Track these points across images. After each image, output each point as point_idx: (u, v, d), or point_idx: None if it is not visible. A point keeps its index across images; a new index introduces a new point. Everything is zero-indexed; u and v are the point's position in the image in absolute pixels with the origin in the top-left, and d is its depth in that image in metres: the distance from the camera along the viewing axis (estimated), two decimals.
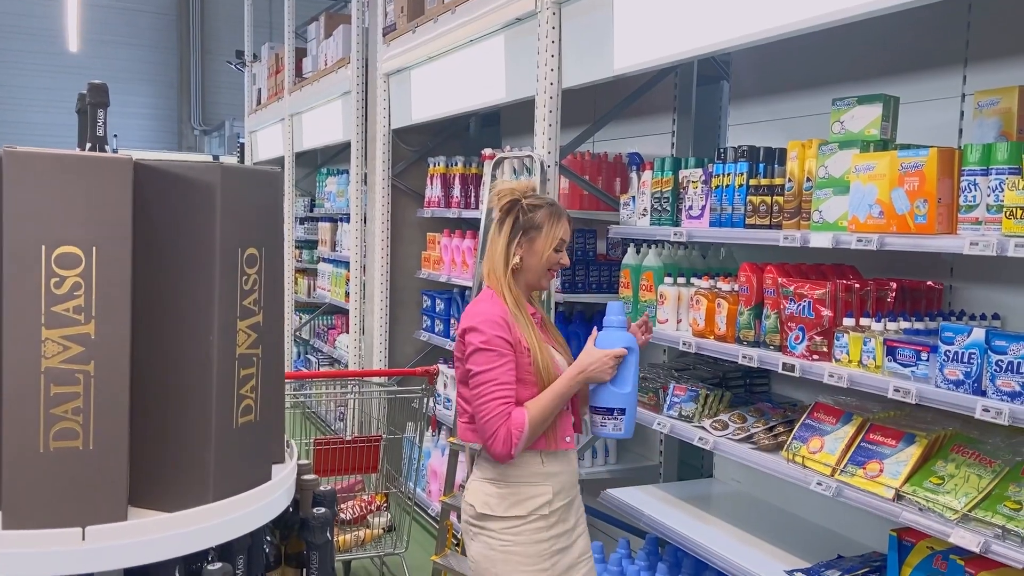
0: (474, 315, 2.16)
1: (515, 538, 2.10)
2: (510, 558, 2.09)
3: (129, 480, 1.03)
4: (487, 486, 2.15)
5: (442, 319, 4.94)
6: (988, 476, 2.05)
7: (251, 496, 1.09)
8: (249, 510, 1.08)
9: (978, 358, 1.96)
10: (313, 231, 7.24)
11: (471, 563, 2.21)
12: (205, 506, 1.04)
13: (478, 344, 2.09)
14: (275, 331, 1.16)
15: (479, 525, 2.15)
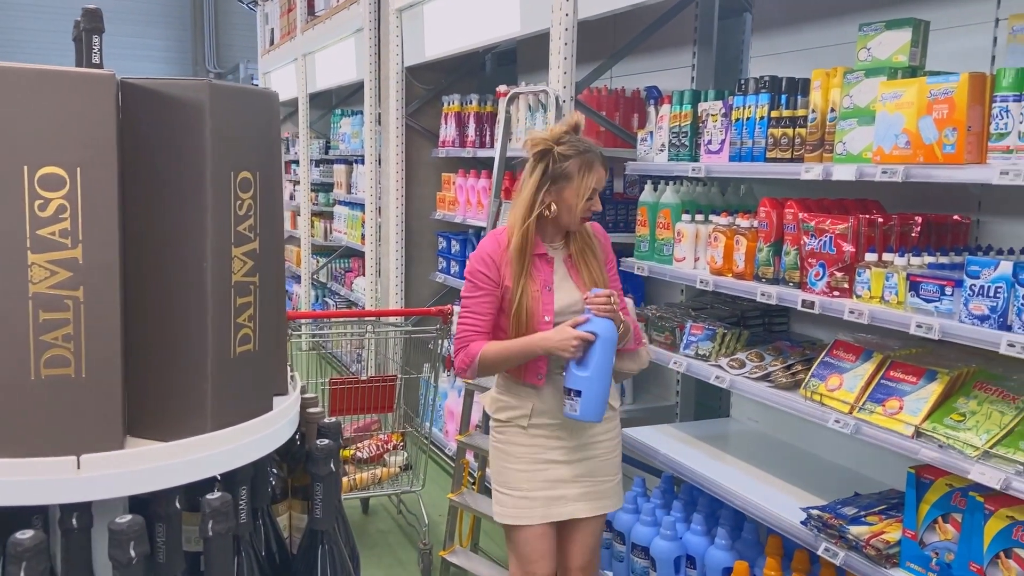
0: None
1: (502, 436, 2.34)
2: (498, 452, 2.35)
3: (126, 410, 1.01)
4: (493, 391, 2.41)
5: (457, 260, 4.90)
6: (1011, 413, 2.00)
7: (251, 426, 1.07)
8: (249, 440, 1.06)
9: (1005, 292, 1.90)
10: (328, 174, 7.19)
11: None
12: (203, 435, 1.02)
13: (465, 273, 2.32)
14: (273, 259, 1.13)
15: (491, 423, 2.41)
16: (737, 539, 2.92)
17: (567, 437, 2.30)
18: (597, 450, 2.35)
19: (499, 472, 2.34)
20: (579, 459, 2.31)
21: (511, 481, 2.30)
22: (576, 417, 2.16)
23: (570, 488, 2.30)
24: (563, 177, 2.22)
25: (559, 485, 2.30)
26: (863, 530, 2.26)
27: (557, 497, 2.29)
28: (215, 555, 0.99)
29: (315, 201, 7.45)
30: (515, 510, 2.30)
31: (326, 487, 1.18)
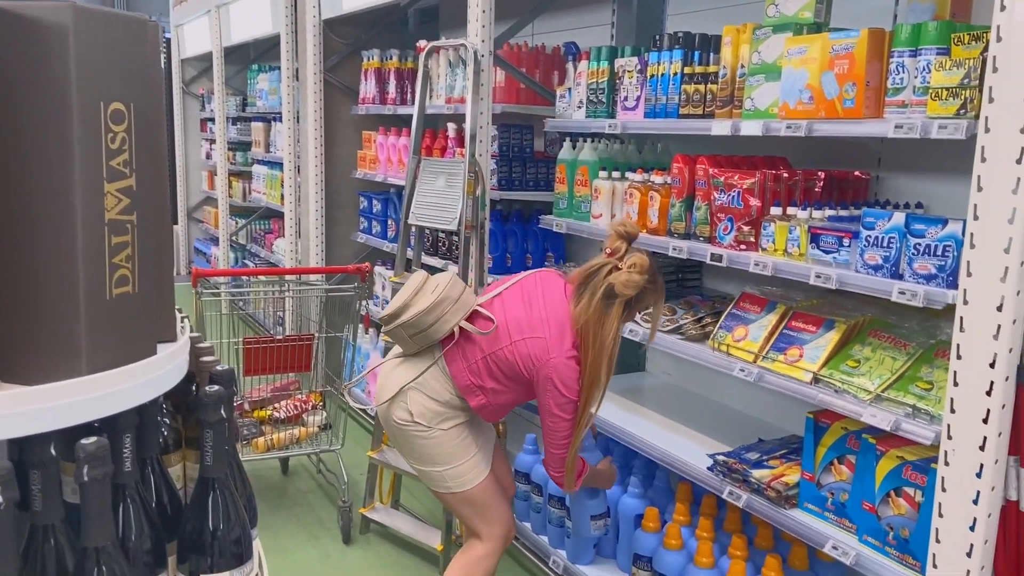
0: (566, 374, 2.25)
1: (444, 432, 2.41)
2: (443, 442, 2.40)
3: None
4: (429, 402, 2.38)
5: (379, 220, 4.84)
6: (902, 358, 2.10)
7: (131, 371, 1.03)
8: (129, 385, 1.02)
9: (897, 242, 1.98)
10: (246, 132, 6.97)
11: (403, 449, 2.51)
12: (79, 379, 0.98)
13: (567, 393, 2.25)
14: (153, 198, 1.08)
15: (412, 424, 2.39)
16: (649, 487, 3.00)
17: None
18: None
19: (448, 455, 2.40)
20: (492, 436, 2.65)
21: (462, 453, 2.40)
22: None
23: (483, 432, 2.55)
24: (638, 303, 2.30)
25: (480, 434, 2.51)
26: (765, 473, 2.34)
27: (484, 442, 2.53)
28: (91, 502, 0.96)
29: (232, 160, 7.22)
30: (476, 468, 2.42)
31: (216, 434, 1.15)
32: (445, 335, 2.35)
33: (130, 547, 1.10)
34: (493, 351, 2.32)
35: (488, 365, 2.33)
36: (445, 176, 3.49)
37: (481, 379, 2.34)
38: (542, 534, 3.16)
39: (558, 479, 2.36)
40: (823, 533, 2.14)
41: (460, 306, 2.35)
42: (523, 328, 2.30)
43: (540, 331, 2.27)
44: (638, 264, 2.21)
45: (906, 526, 1.98)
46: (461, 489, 2.42)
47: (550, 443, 2.32)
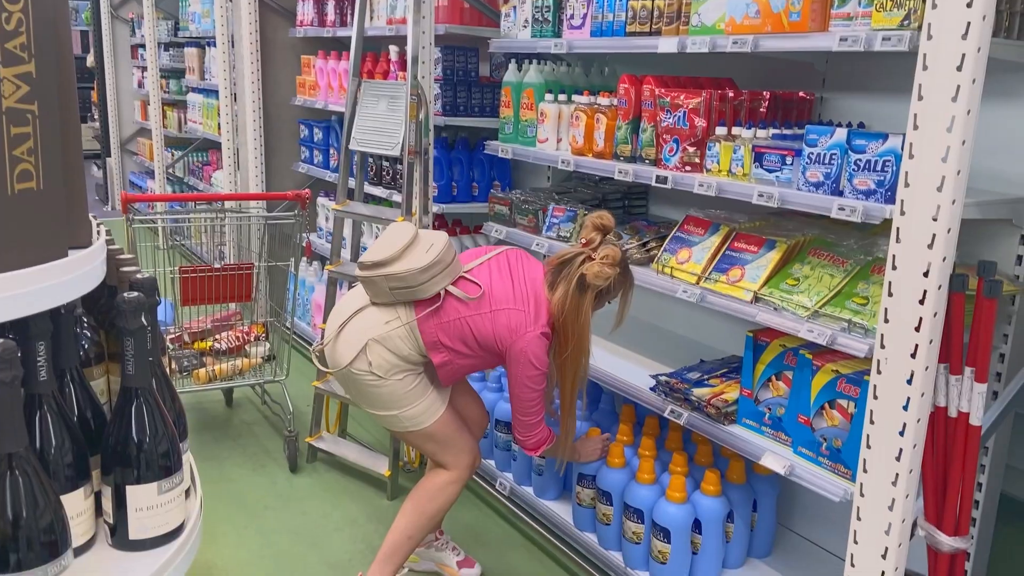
0: (533, 347, 2.28)
1: (399, 379, 2.35)
2: (396, 388, 2.36)
3: None
4: (389, 356, 2.33)
5: (321, 149, 4.71)
6: (840, 276, 2.13)
7: (37, 273, 0.97)
8: (34, 288, 0.96)
9: (839, 159, 1.98)
10: (179, 58, 6.67)
11: (354, 395, 2.47)
12: None
13: (535, 363, 2.29)
14: (58, 88, 1.01)
15: (365, 372, 2.34)
16: (595, 410, 3.04)
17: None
18: None
19: (400, 400, 2.36)
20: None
21: (415, 398, 2.38)
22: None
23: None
24: (608, 293, 2.37)
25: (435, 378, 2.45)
26: (705, 392, 2.38)
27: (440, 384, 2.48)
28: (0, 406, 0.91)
29: (166, 89, 6.92)
30: (433, 405, 2.40)
31: (137, 342, 1.10)
32: (429, 296, 2.30)
33: (49, 459, 1.05)
34: (471, 315, 2.30)
35: (462, 328, 2.30)
36: (387, 99, 3.38)
37: (451, 341, 2.32)
38: (489, 458, 3.18)
39: (523, 444, 2.41)
40: (760, 446, 2.19)
41: (451, 270, 2.33)
42: (507, 299, 2.31)
43: (522, 305, 2.30)
44: (611, 256, 2.27)
45: (839, 436, 2.03)
46: (418, 427, 2.40)
47: (518, 411, 2.35)
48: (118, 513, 1.13)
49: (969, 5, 1.50)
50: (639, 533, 2.49)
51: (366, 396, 2.40)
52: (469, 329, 2.31)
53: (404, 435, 2.48)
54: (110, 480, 1.12)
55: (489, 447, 3.17)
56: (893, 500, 1.72)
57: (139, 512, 1.12)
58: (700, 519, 2.41)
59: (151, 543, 1.14)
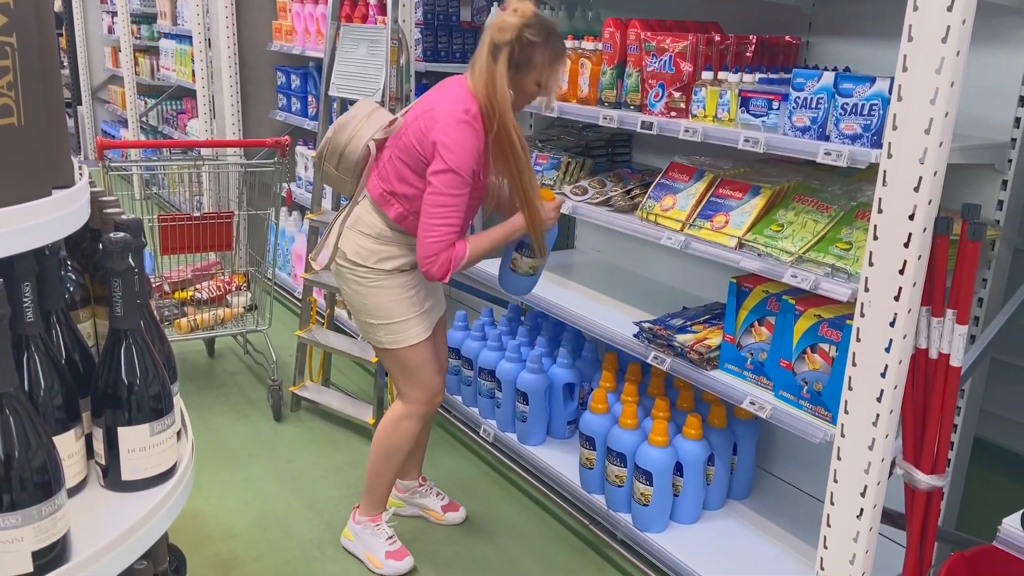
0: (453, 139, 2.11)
1: (386, 280, 2.32)
2: (382, 292, 2.32)
3: None
4: (363, 239, 2.29)
5: (299, 96, 4.62)
6: (824, 221, 2.14)
7: (21, 211, 0.95)
8: (18, 227, 0.94)
9: (825, 103, 1.97)
10: (150, 2, 6.47)
11: (344, 296, 2.44)
12: None
13: (452, 166, 2.11)
14: (37, 19, 0.97)
15: (349, 267, 2.32)
16: (578, 358, 3.06)
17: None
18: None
19: (387, 308, 2.31)
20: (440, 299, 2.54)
21: (403, 311, 2.33)
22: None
23: (432, 296, 2.46)
24: (526, 64, 2.13)
25: (429, 297, 2.43)
26: (688, 338, 2.40)
27: (431, 306, 2.45)
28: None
29: (137, 35, 6.73)
30: (415, 329, 2.36)
31: (125, 283, 1.09)
32: (362, 153, 2.31)
33: (39, 400, 1.05)
34: (396, 144, 2.23)
35: (394, 164, 2.22)
36: (367, 44, 3.32)
37: (391, 183, 2.22)
38: (473, 406, 3.21)
39: (424, 268, 2.15)
40: (741, 391, 2.22)
41: (373, 121, 2.32)
42: (419, 108, 2.22)
43: (433, 103, 2.19)
44: (520, 9, 2.09)
45: (820, 380, 2.07)
46: (394, 347, 2.36)
47: (423, 221, 2.13)
48: (110, 454, 1.13)
49: None
50: (622, 476, 2.53)
51: (352, 298, 2.36)
52: (400, 159, 2.20)
53: (379, 351, 2.44)
54: (101, 422, 1.12)
55: (473, 395, 3.19)
56: (873, 440, 1.75)
57: (131, 453, 1.12)
58: (682, 462, 2.46)
59: (144, 484, 1.14)
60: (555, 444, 3.00)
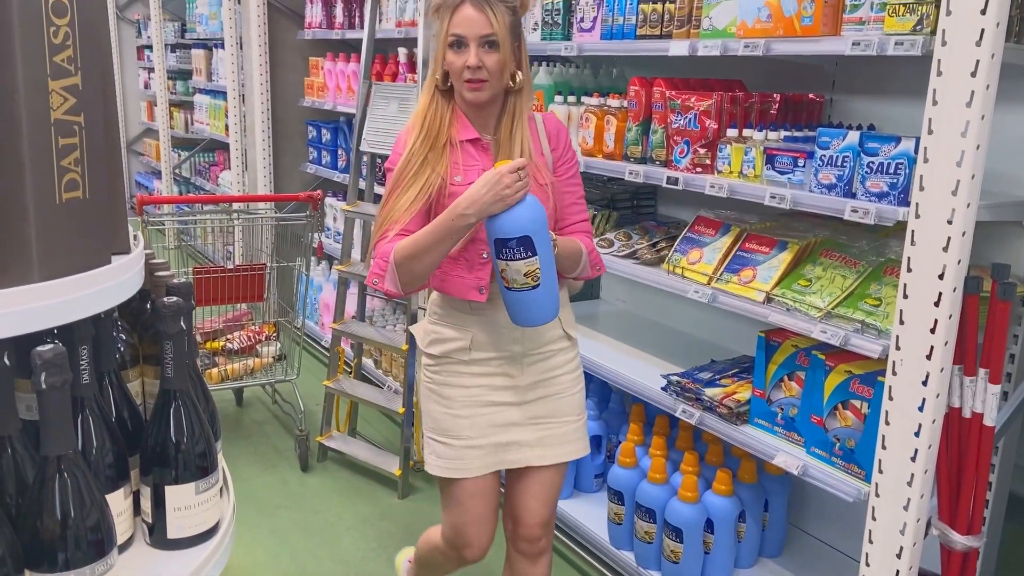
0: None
1: (437, 375, 1.96)
2: (431, 395, 1.97)
3: None
4: (425, 320, 2.04)
5: (329, 150, 4.73)
6: (852, 276, 2.15)
7: (85, 279, 0.99)
8: (83, 294, 0.98)
9: (851, 161, 2.00)
10: (186, 59, 6.69)
11: None
12: (31, 286, 0.94)
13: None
14: (101, 99, 1.03)
15: (423, 360, 2.03)
16: (604, 410, 3.06)
17: (518, 373, 1.94)
18: (555, 386, 1.98)
19: (435, 419, 1.95)
20: (535, 399, 1.95)
21: (452, 428, 1.92)
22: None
23: (524, 432, 1.94)
24: (436, 33, 1.82)
25: (510, 429, 1.94)
26: (717, 392, 2.41)
27: (508, 443, 1.93)
28: (51, 410, 0.94)
29: (172, 90, 6.95)
30: (457, 461, 1.92)
31: (176, 345, 1.13)
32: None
33: (91, 460, 1.08)
34: None
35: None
36: (397, 101, 3.41)
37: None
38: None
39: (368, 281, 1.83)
40: (772, 446, 2.21)
41: None
42: None
43: None
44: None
45: (852, 437, 2.06)
46: (438, 471, 1.95)
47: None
48: (156, 512, 1.15)
49: (983, 12, 1.52)
50: (651, 533, 2.51)
51: None
52: None
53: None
54: (149, 480, 1.15)
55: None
56: (908, 500, 1.74)
57: (177, 512, 1.15)
58: (712, 519, 2.44)
59: (188, 542, 1.17)
60: (583, 498, 2.98)
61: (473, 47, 1.75)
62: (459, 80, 1.79)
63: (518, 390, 1.94)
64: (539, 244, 1.67)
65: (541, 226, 1.69)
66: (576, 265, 1.92)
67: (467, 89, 1.79)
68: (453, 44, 1.77)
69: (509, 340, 1.92)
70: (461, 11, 1.76)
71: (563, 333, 2.00)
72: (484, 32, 1.74)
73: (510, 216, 1.67)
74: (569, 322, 2.04)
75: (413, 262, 1.75)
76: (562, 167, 1.95)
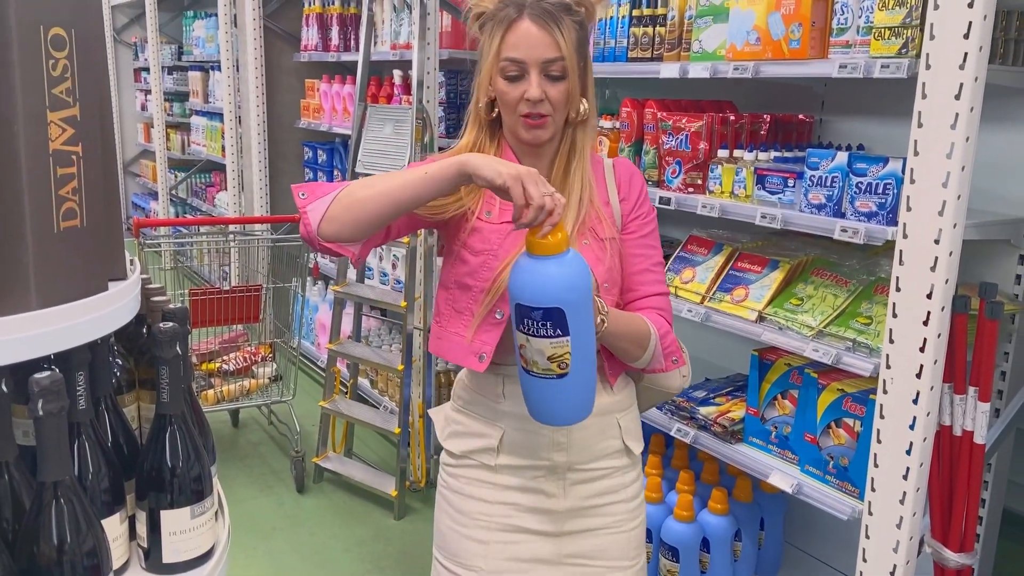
0: None
1: (453, 479, 1.54)
2: (445, 506, 1.55)
3: None
4: (447, 407, 1.62)
5: (325, 171, 4.76)
6: (843, 295, 2.17)
7: (83, 306, 1.01)
8: (80, 321, 1.00)
9: (840, 181, 2.03)
10: (183, 82, 6.73)
11: None
12: (28, 313, 0.95)
13: None
14: (98, 129, 1.05)
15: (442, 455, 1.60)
16: None
17: (557, 492, 1.49)
18: (605, 516, 1.52)
19: (442, 534, 1.54)
20: (576, 531, 1.50)
21: (461, 554, 1.50)
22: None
23: (555, 574, 1.50)
24: (482, 54, 1.46)
25: (536, 568, 1.48)
26: (711, 410, 2.42)
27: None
28: (48, 436, 0.94)
29: (169, 112, 6.99)
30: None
31: (172, 370, 1.14)
32: None
33: (87, 485, 1.09)
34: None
35: None
36: (392, 123, 3.44)
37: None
38: None
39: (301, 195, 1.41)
40: (767, 464, 2.22)
41: None
42: None
43: None
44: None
45: (845, 455, 2.07)
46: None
47: None
48: (152, 537, 1.16)
49: (966, 36, 1.55)
50: (647, 552, 2.51)
51: None
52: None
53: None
54: (144, 505, 1.15)
55: None
56: (901, 518, 1.75)
57: (172, 536, 1.15)
58: (708, 538, 2.44)
59: (184, 566, 1.17)
60: None
61: (534, 75, 1.39)
62: (512, 113, 1.43)
63: (555, 516, 1.49)
64: (574, 320, 1.23)
65: (581, 296, 1.25)
66: (639, 352, 1.48)
67: (524, 127, 1.43)
68: (507, 70, 1.41)
69: (550, 446, 1.47)
70: (519, 28, 1.39)
71: (623, 446, 1.53)
72: (548, 56, 1.39)
73: (535, 275, 1.23)
74: (632, 432, 1.56)
75: (360, 189, 1.35)
76: (634, 222, 1.54)
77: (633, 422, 1.58)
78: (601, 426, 1.50)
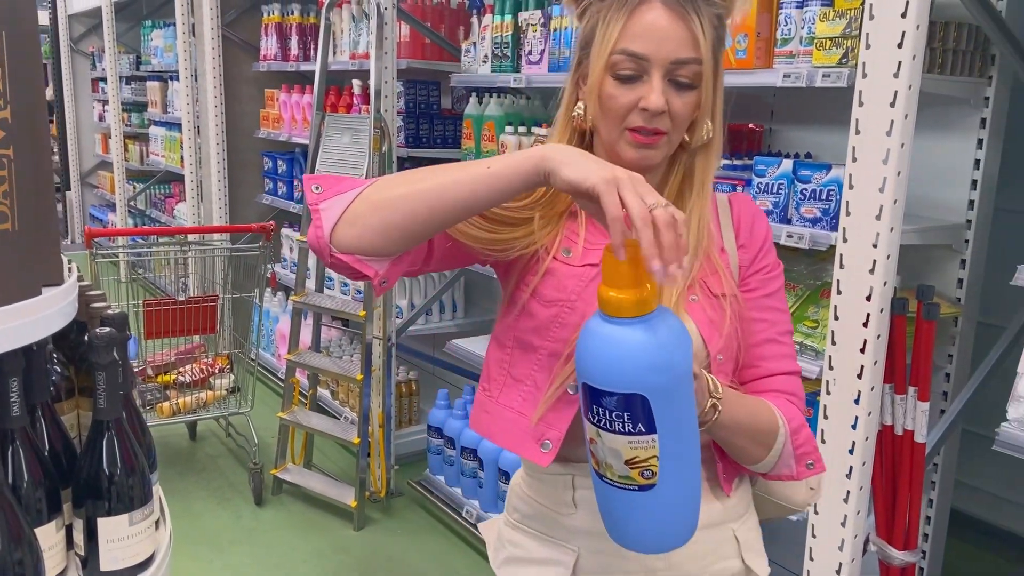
0: None
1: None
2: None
3: None
4: (502, 519, 1.27)
5: (285, 181, 4.73)
6: (791, 299, 2.21)
7: (12, 311, 0.99)
8: (11, 325, 0.98)
9: (786, 188, 2.07)
10: (141, 92, 6.66)
11: None
12: None
13: None
14: (32, 132, 1.04)
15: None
16: None
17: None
18: None
19: None
20: None
21: None
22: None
23: None
24: (588, 42, 1.11)
25: None
26: None
27: None
28: None
29: (127, 122, 6.90)
30: None
31: (109, 376, 1.13)
32: None
33: (21, 493, 1.07)
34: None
35: None
36: (350, 133, 3.44)
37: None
38: (455, 486, 3.20)
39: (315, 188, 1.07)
40: None
41: None
42: None
43: None
44: None
45: None
46: None
47: None
48: (89, 545, 1.14)
49: (900, 45, 1.60)
50: None
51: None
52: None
53: None
54: (82, 513, 1.14)
55: (456, 474, 3.19)
56: (845, 516, 1.78)
57: (110, 543, 1.14)
58: None
59: (122, 574, 1.16)
60: None
61: (656, 78, 1.05)
62: (617, 125, 1.08)
63: None
64: (664, 411, 0.87)
65: (675, 379, 0.88)
66: (762, 453, 1.11)
67: (632, 143, 1.08)
68: (621, 66, 1.06)
69: (642, 573, 1.12)
70: (646, 13, 1.05)
71: (742, 567, 1.17)
72: (681, 55, 1.05)
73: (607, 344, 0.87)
74: (754, 546, 1.19)
75: (395, 185, 1.01)
76: (754, 276, 1.18)
77: (753, 531, 1.19)
78: (712, 542, 1.13)
